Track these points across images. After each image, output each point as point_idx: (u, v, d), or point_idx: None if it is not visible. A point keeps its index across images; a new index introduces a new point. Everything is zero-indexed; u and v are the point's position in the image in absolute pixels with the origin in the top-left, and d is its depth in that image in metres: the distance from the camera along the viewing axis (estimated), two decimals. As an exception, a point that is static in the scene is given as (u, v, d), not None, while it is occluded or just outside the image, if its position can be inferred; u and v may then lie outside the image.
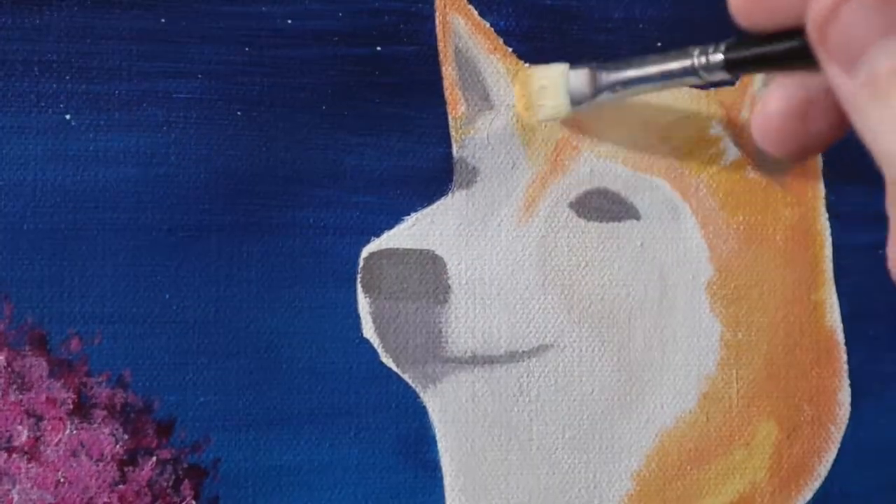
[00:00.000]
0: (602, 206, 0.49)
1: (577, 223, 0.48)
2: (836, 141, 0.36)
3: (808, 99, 0.35)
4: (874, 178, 0.53)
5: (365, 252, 0.47)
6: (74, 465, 0.44)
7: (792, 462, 0.50)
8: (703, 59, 0.41)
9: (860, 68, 0.31)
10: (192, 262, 0.46)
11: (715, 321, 0.49)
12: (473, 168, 0.48)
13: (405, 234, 0.47)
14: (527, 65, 0.49)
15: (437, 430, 0.47)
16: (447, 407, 0.47)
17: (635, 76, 0.45)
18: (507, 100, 0.49)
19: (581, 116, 0.49)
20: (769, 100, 0.36)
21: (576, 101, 0.46)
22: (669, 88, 0.47)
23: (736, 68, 0.40)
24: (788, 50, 0.35)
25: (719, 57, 0.40)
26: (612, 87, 0.45)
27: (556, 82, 0.46)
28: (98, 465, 0.44)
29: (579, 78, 0.46)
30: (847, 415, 0.51)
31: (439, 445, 0.47)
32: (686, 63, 0.42)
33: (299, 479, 0.46)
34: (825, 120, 0.35)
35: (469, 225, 0.48)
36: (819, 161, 0.51)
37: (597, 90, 0.45)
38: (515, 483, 0.47)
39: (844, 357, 0.51)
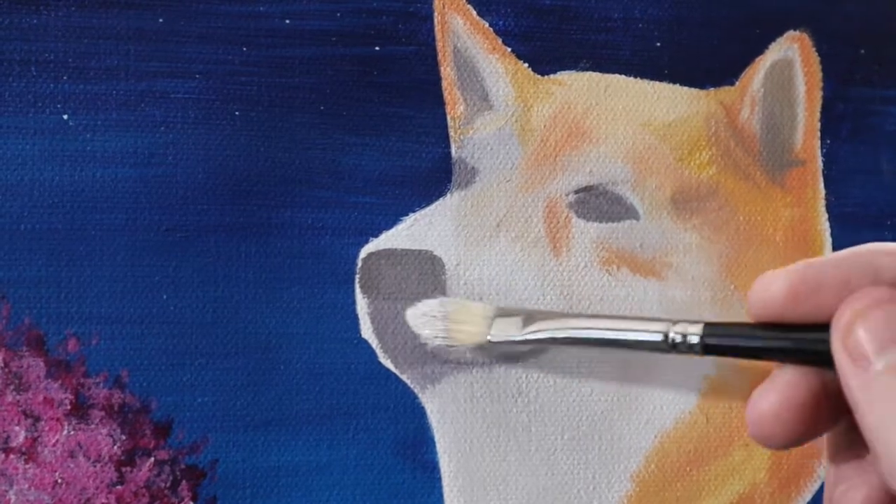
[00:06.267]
0: (601, 206, 0.49)
1: (576, 223, 0.48)
2: (831, 429, 0.36)
3: (810, 391, 0.35)
4: (874, 180, 0.53)
5: (363, 252, 0.47)
6: (72, 465, 0.44)
7: (792, 463, 0.50)
8: (680, 337, 0.39)
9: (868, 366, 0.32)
10: (190, 263, 0.46)
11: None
12: (472, 168, 0.48)
13: (403, 235, 0.47)
14: (526, 64, 0.49)
15: (435, 431, 0.47)
16: (446, 407, 0.47)
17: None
18: (507, 100, 0.49)
19: (580, 116, 0.49)
20: (761, 397, 0.35)
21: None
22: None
23: (710, 352, 0.38)
24: (769, 345, 0.35)
25: (696, 340, 0.38)
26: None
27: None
28: (96, 466, 0.44)
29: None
30: (847, 416, 0.50)
31: (438, 446, 0.47)
32: (657, 336, 0.40)
33: (297, 480, 0.46)
34: (825, 410, 0.35)
35: (467, 225, 0.48)
36: (819, 162, 0.51)
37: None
38: (514, 484, 0.47)
39: (844, 358, 0.51)
